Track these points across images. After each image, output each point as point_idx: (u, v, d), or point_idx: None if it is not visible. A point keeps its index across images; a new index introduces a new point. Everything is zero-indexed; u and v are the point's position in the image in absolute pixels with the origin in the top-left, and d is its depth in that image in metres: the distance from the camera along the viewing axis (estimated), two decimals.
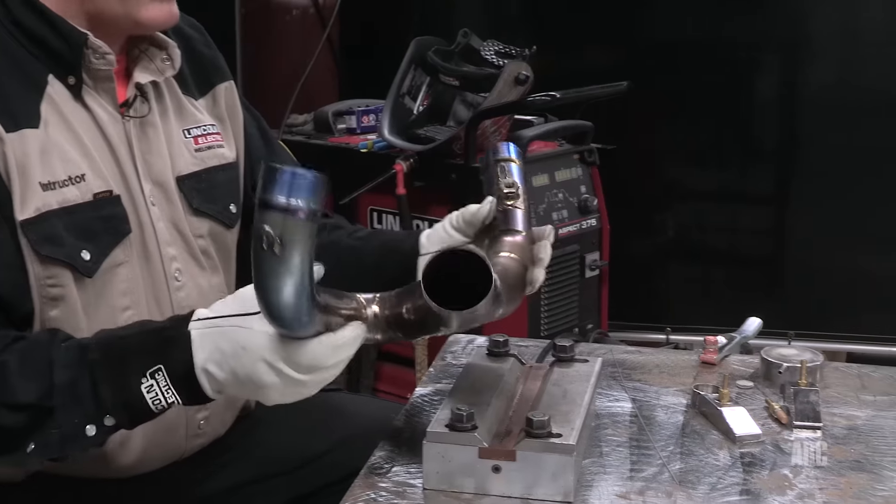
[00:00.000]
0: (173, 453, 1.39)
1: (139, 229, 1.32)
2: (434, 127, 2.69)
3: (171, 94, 1.41)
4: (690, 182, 3.23)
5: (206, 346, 1.10)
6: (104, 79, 1.31)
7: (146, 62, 1.37)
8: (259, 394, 1.11)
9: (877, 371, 1.48)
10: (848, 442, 1.26)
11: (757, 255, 3.23)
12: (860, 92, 2.98)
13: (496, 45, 2.64)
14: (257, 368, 1.07)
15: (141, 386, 1.12)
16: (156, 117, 1.38)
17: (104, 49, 1.29)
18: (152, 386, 1.12)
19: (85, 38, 1.27)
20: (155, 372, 1.12)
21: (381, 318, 1.15)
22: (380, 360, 2.84)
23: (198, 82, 1.46)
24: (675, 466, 1.20)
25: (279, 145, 1.64)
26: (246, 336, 1.08)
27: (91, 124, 1.30)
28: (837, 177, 3.00)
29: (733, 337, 1.55)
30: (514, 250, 1.31)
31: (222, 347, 1.09)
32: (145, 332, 1.16)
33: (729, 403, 1.31)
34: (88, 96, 1.30)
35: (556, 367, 1.33)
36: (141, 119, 1.35)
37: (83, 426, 1.13)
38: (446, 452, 1.13)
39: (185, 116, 1.43)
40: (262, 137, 1.58)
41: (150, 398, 1.12)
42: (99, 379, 1.13)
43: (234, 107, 1.51)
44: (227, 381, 1.10)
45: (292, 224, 0.99)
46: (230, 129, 1.49)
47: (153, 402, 1.12)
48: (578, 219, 2.67)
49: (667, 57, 3.09)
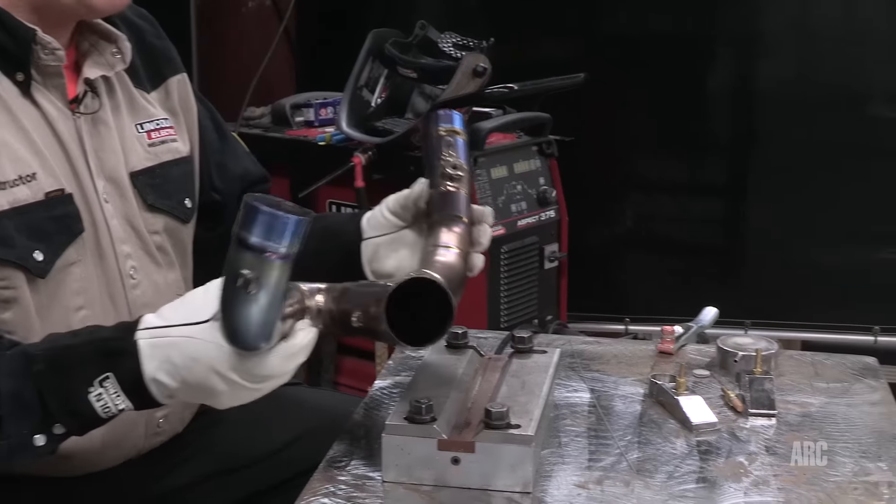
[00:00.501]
0: (130, 451, 1.38)
1: (92, 228, 1.30)
2: (392, 119, 2.68)
3: (123, 87, 1.39)
4: (648, 174, 3.25)
5: (156, 356, 1.08)
6: (53, 75, 1.28)
7: (96, 56, 1.34)
8: (211, 401, 1.10)
9: (829, 359, 1.50)
10: (802, 429, 1.28)
11: (714, 245, 3.26)
12: (817, 87, 3.01)
13: (454, 37, 2.63)
14: (209, 379, 1.06)
15: (89, 394, 1.10)
16: (107, 112, 1.35)
17: (53, 45, 1.26)
18: (101, 394, 1.10)
19: (33, 34, 1.24)
20: (104, 380, 1.09)
21: (325, 311, 1.12)
22: (340, 354, 2.84)
23: (150, 75, 1.44)
24: (633, 455, 1.21)
25: (233, 138, 1.63)
26: (196, 347, 1.06)
27: (41, 122, 1.27)
28: (793, 169, 3.03)
29: (690, 327, 1.56)
30: (455, 241, 1.28)
31: (172, 359, 1.08)
32: (93, 340, 1.13)
33: (685, 392, 1.32)
34: (38, 93, 1.28)
35: (514, 359, 1.33)
36: (92, 115, 1.33)
37: (31, 436, 1.10)
38: (405, 445, 1.14)
39: (138, 110, 1.41)
40: (216, 130, 1.56)
41: (100, 406, 1.10)
42: (45, 389, 1.10)
43: (188, 100, 1.49)
44: (178, 389, 1.09)
45: (268, 267, 0.99)
46: (183, 123, 1.47)
47: (103, 410, 1.10)
48: (537, 210, 2.68)
49: (625, 49, 3.11)
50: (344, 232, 1.44)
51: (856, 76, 3.00)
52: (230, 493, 1.47)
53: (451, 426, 1.16)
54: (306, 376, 2.82)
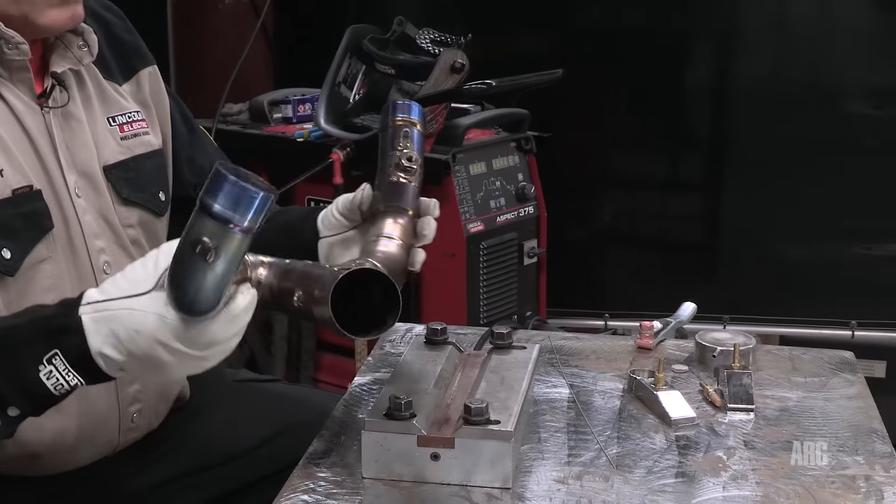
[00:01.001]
0: (105, 448, 1.37)
1: (63, 224, 1.29)
2: (370, 116, 2.67)
3: (94, 80, 1.38)
4: (626, 169, 3.26)
5: (101, 330, 1.06)
6: (19, 69, 1.27)
7: (62, 50, 1.32)
8: (160, 372, 1.07)
9: (807, 353, 1.51)
10: (780, 423, 1.29)
11: (692, 241, 3.27)
12: (792, 83, 3.03)
13: (432, 34, 2.63)
14: (154, 350, 1.04)
15: (39, 373, 1.07)
16: (78, 106, 1.34)
17: (17, 39, 1.25)
18: (52, 372, 1.07)
19: None
20: (52, 357, 1.07)
21: (266, 286, 1.10)
22: (319, 350, 2.83)
23: (121, 67, 1.43)
24: (613, 451, 1.22)
25: (202, 132, 1.62)
26: (139, 319, 1.04)
27: (9, 117, 1.26)
28: (770, 165, 3.05)
29: (669, 322, 1.56)
30: (398, 233, 1.27)
31: (116, 332, 1.05)
32: (36, 319, 1.10)
33: (664, 387, 1.33)
34: (4, 88, 1.26)
35: (493, 355, 1.33)
36: (62, 109, 1.31)
37: None
38: (384, 441, 1.13)
39: (109, 104, 1.39)
40: (185, 124, 1.55)
41: (52, 384, 1.07)
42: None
43: (159, 92, 1.48)
44: (125, 362, 1.06)
45: (229, 238, 0.97)
46: (155, 116, 1.46)
47: (55, 387, 1.07)
48: (516, 206, 2.68)
49: (602, 45, 3.11)
50: (302, 228, 1.44)
51: (830, 73, 3.02)
52: (207, 490, 1.47)
53: (431, 422, 1.16)
54: (286, 373, 2.81)
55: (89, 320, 1.06)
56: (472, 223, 2.56)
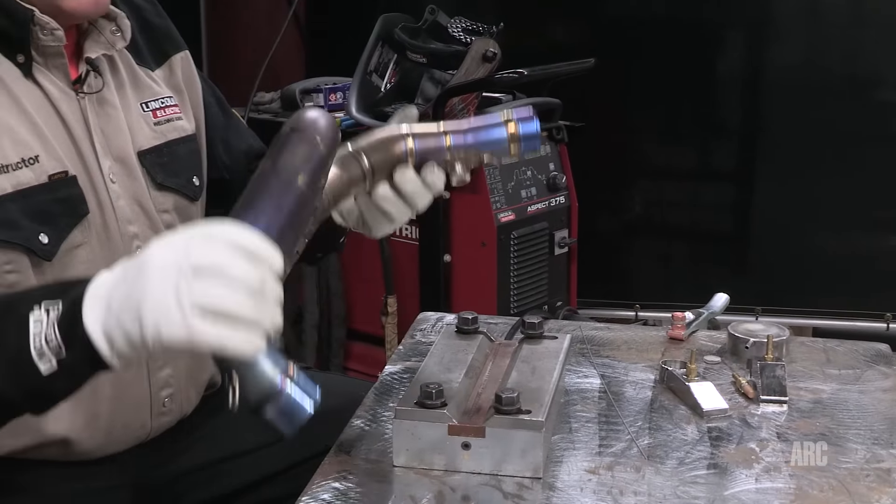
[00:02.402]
0: (139, 434, 1.38)
1: (98, 209, 1.30)
2: (402, 104, 2.67)
3: (126, 66, 1.39)
4: (658, 159, 3.25)
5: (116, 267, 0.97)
6: (55, 55, 1.28)
7: (96, 35, 1.33)
8: (136, 305, 0.92)
9: (841, 345, 1.49)
10: (813, 415, 1.28)
11: (724, 231, 3.25)
12: (825, 73, 3.00)
13: (464, 22, 2.63)
14: (149, 251, 0.94)
15: (30, 313, 0.96)
16: (112, 92, 1.35)
17: (52, 25, 1.25)
18: (39, 319, 0.96)
19: (31, 15, 1.24)
20: (51, 305, 0.97)
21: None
22: (349, 339, 2.84)
23: (153, 53, 1.44)
24: (644, 441, 1.21)
25: (235, 115, 1.62)
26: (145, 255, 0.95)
27: (44, 103, 1.27)
28: (802, 156, 3.03)
29: (701, 313, 1.56)
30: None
31: (119, 271, 0.97)
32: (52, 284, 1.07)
33: (696, 378, 1.32)
34: (40, 74, 1.27)
35: (525, 344, 1.33)
36: (97, 95, 1.32)
37: None
38: (415, 429, 1.13)
39: (142, 89, 1.40)
40: (219, 106, 1.56)
41: (33, 332, 0.96)
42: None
43: (192, 77, 1.48)
44: (116, 293, 0.94)
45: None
46: (188, 101, 1.47)
47: (34, 337, 0.95)
48: (547, 196, 2.67)
49: (634, 34, 3.10)
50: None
51: (864, 62, 2.99)
52: (238, 478, 1.47)
53: (462, 411, 1.16)
54: (316, 361, 2.82)
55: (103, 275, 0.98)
56: (503, 213, 2.56)
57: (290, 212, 1.03)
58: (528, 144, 1.21)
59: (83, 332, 0.95)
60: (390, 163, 1.19)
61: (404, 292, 2.64)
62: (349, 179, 1.18)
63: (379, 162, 1.19)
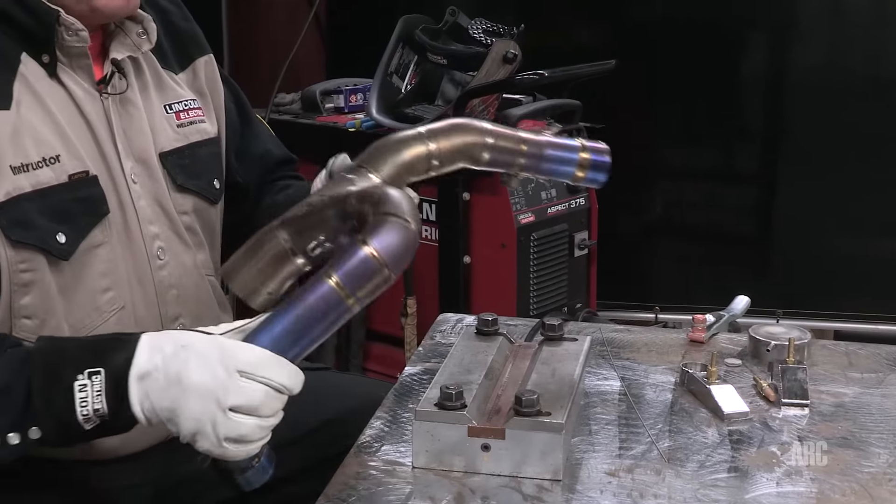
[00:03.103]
0: (159, 434, 1.38)
1: (119, 209, 1.31)
2: (422, 106, 2.68)
3: (151, 68, 1.40)
4: (679, 161, 3.23)
5: (152, 345, 1.08)
6: (79, 55, 1.29)
7: (122, 37, 1.34)
8: (181, 401, 1.06)
9: (864, 348, 1.48)
10: (835, 419, 1.27)
11: (745, 233, 3.24)
12: (848, 74, 2.98)
13: (484, 24, 2.63)
14: (188, 364, 1.06)
15: (75, 382, 1.08)
16: (136, 93, 1.36)
17: (77, 26, 1.26)
18: (85, 386, 1.07)
19: (56, 15, 1.25)
20: (94, 373, 1.08)
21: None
22: (369, 340, 2.84)
23: (177, 56, 1.45)
24: (664, 444, 1.21)
25: (257, 120, 1.63)
26: (191, 336, 1.08)
27: (68, 103, 1.28)
28: (825, 157, 3.01)
29: (721, 315, 1.55)
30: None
31: (163, 346, 1.08)
32: (97, 338, 1.14)
33: (717, 381, 1.31)
34: (64, 74, 1.28)
35: (545, 346, 1.33)
36: (120, 96, 1.33)
37: (5, 432, 1.08)
38: (435, 431, 1.14)
39: (166, 91, 1.41)
40: (239, 112, 1.56)
41: (80, 399, 1.07)
42: (34, 378, 1.08)
43: (215, 81, 1.49)
44: (156, 378, 1.07)
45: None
46: (211, 104, 1.48)
47: (80, 404, 1.07)
48: (567, 198, 2.67)
49: (654, 35, 3.09)
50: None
51: (888, 63, 2.96)
52: None
53: (482, 413, 1.16)
54: (335, 361, 2.83)
55: (147, 338, 1.09)
56: (522, 214, 2.55)
57: (332, 331, 1.09)
58: (594, 175, 1.23)
59: (128, 409, 1.08)
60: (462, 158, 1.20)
61: (424, 293, 2.64)
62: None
63: (448, 156, 1.19)
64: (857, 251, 3.04)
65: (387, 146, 1.17)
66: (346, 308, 1.06)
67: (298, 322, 1.06)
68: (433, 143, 1.17)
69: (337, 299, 1.05)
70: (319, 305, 1.05)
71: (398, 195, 1.11)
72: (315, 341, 1.08)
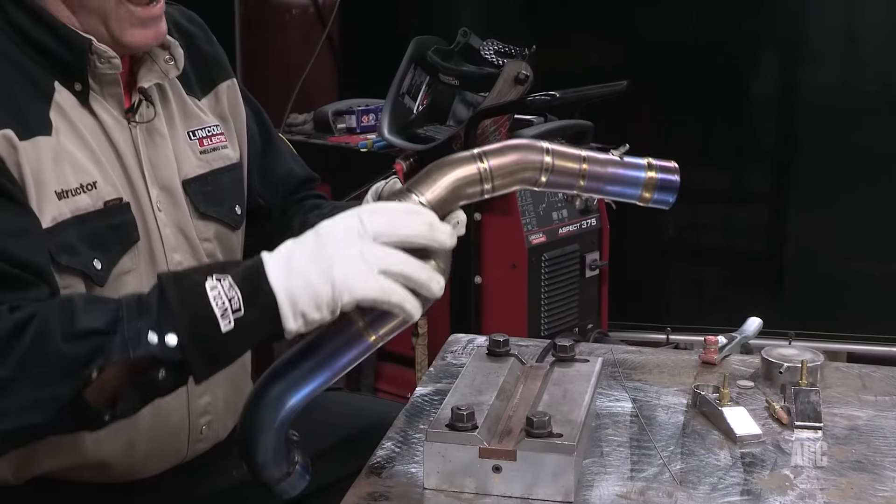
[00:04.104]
0: (174, 458, 1.39)
1: (146, 236, 1.32)
2: (434, 126, 2.68)
3: (176, 95, 1.41)
4: (690, 181, 3.18)
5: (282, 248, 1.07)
6: (111, 83, 1.30)
7: (149, 63, 1.35)
8: (327, 266, 1.03)
9: (878, 371, 1.47)
10: (849, 442, 1.26)
11: (757, 254, 3.23)
12: (860, 93, 2.98)
13: (496, 45, 2.64)
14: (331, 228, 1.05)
15: (206, 282, 1.04)
16: (161, 121, 1.37)
17: (109, 53, 1.28)
18: (216, 286, 1.04)
19: (89, 44, 1.26)
20: (222, 278, 1.05)
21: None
22: (380, 360, 2.84)
23: (200, 81, 1.46)
24: (676, 466, 1.20)
25: (279, 139, 1.63)
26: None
27: (98, 131, 1.29)
28: (837, 177, 3.00)
29: (734, 337, 1.55)
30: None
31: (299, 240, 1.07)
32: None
33: (729, 403, 1.31)
34: (95, 102, 1.30)
35: (556, 367, 1.33)
36: (147, 124, 1.34)
37: (145, 331, 1.04)
38: (446, 452, 1.13)
39: (190, 118, 1.42)
40: (261, 133, 1.56)
41: (213, 295, 1.03)
42: (166, 289, 1.05)
43: (237, 105, 1.50)
44: (299, 256, 1.04)
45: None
46: (233, 128, 1.48)
47: (215, 300, 1.03)
48: (578, 218, 2.67)
49: (666, 56, 3.09)
50: None
51: None
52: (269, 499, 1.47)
53: (493, 434, 1.15)
54: (347, 382, 2.82)
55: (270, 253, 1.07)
56: (534, 234, 2.55)
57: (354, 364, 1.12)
58: (663, 196, 1.19)
59: (268, 289, 1.03)
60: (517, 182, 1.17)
61: (435, 314, 2.63)
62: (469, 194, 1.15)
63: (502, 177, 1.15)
64: (871, 272, 3.02)
65: (436, 168, 1.14)
66: (368, 345, 1.08)
67: (322, 358, 1.08)
68: (485, 164, 1.13)
69: (360, 338, 1.08)
70: (340, 342, 1.08)
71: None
72: (338, 374, 1.10)
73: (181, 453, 1.39)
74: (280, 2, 3.39)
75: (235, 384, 1.46)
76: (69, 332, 1.05)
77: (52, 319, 1.06)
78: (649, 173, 1.19)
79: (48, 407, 1.05)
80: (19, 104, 1.22)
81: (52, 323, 1.05)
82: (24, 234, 1.16)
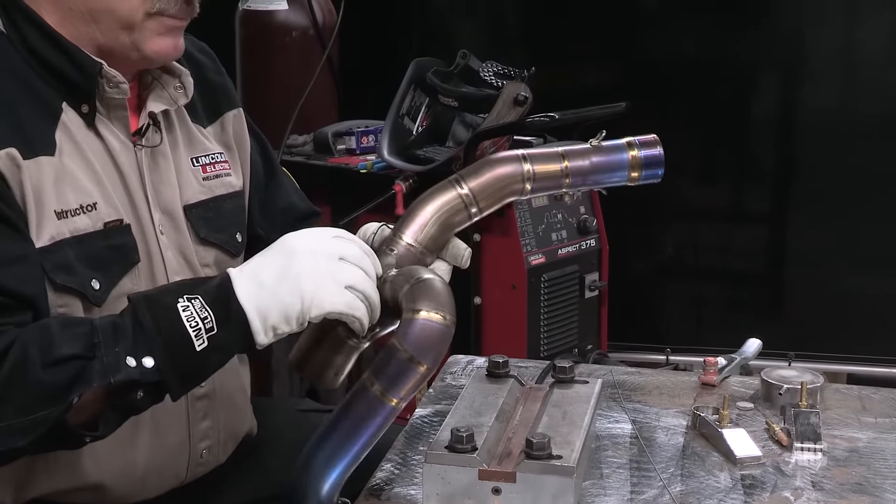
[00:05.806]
0: (172, 481, 1.38)
1: (147, 258, 1.32)
2: (433, 147, 2.69)
3: (181, 121, 1.42)
4: (690, 202, 3.23)
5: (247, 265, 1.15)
6: (117, 107, 1.31)
7: (159, 90, 1.36)
8: (295, 282, 1.11)
9: (877, 393, 1.47)
10: (849, 464, 1.26)
11: (757, 275, 3.23)
12: (859, 115, 2.99)
13: (495, 66, 2.65)
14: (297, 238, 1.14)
15: (177, 304, 1.12)
16: (166, 146, 1.38)
17: (118, 78, 1.29)
18: (188, 307, 1.12)
19: (99, 67, 1.27)
20: (192, 298, 1.12)
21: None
22: None
23: (206, 110, 1.47)
24: (676, 488, 1.20)
25: (283, 173, 1.64)
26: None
27: (103, 153, 1.30)
28: (836, 198, 3.01)
29: (733, 358, 1.54)
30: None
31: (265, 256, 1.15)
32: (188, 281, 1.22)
33: (729, 425, 1.31)
34: (101, 125, 1.30)
35: (555, 389, 1.32)
36: (152, 148, 1.35)
37: (123, 356, 1.10)
38: (446, 474, 1.13)
39: (194, 145, 1.43)
40: (265, 164, 1.58)
41: (186, 316, 1.11)
42: (139, 313, 1.12)
43: (242, 135, 1.51)
44: (266, 272, 1.12)
45: None
46: (237, 157, 1.49)
47: (188, 321, 1.11)
48: (578, 239, 2.67)
49: (665, 77, 3.10)
50: None
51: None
52: None
53: (492, 456, 1.15)
54: None
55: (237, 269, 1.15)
56: (533, 255, 2.55)
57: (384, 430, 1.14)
58: (650, 172, 1.20)
59: (238, 307, 1.12)
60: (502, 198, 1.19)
61: None
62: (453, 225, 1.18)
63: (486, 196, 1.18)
64: (871, 293, 3.02)
65: (418, 205, 1.16)
66: (391, 409, 1.10)
67: (350, 431, 1.12)
68: (464, 188, 1.14)
69: (381, 403, 1.10)
70: (362, 411, 1.11)
71: (426, 283, 1.12)
72: (372, 441, 1.13)
73: (180, 477, 1.38)
74: (280, 24, 3.40)
75: (236, 408, 1.46)
76: (48, 360, 1.10)
77: (31, 346, 1.11)
78: (631, 152, 1.20)
79: (30, 431, 1.10)
80: (26, 124, 1.23)
81: (31, 350, 1.10)
82: (15, 263, 1.18)
